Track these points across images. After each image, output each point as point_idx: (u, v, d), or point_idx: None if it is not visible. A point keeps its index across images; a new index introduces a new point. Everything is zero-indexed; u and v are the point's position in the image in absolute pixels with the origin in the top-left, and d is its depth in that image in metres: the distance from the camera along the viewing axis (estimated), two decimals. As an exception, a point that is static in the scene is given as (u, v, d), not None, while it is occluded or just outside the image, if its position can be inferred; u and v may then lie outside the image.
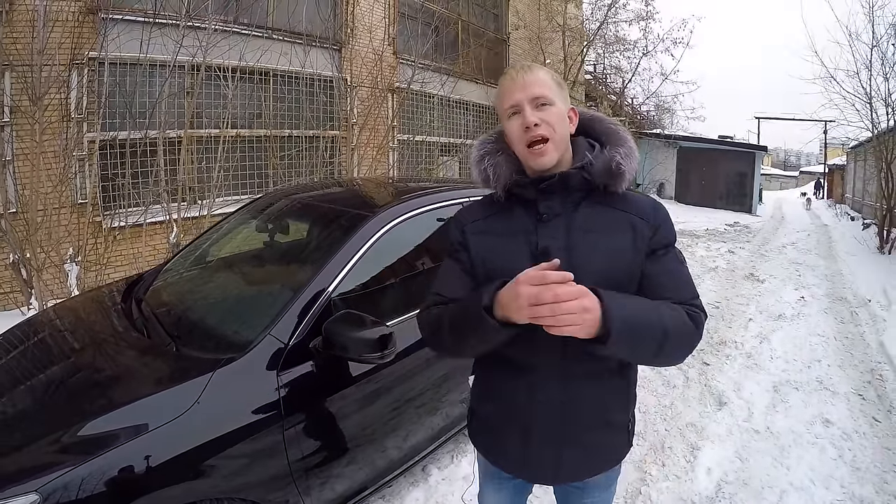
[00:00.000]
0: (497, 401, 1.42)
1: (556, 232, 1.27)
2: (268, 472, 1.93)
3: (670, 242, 1.33)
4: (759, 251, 10.68)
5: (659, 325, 1.16)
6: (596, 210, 1.30)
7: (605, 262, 1.25)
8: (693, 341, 1.25)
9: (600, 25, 16.86)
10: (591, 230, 1.28)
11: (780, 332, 5.51)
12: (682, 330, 1.21)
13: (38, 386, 2.03)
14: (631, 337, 1.12)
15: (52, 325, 2.64)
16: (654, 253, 1.30)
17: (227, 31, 6.69)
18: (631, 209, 1.31)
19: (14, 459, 1.63)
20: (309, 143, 8.15)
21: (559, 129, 1.27)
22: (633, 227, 1.29)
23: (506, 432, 1.41)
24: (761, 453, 3.23)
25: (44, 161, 5.24)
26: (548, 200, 1.29)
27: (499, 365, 1.38)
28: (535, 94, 1.26)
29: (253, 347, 1.99)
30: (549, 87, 1.28)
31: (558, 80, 1.33)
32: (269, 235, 3.10)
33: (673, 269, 1.31)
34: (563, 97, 1.31)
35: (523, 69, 1.30)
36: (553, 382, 1.30)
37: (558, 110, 1.28)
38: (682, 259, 1.36)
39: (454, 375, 2.73)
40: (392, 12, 9.74)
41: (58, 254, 5.26)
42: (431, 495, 2.77)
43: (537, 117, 1.25)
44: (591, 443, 1.35)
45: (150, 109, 6.17)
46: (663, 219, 1.33)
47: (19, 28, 5.25)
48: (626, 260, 1.27)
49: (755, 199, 20.09)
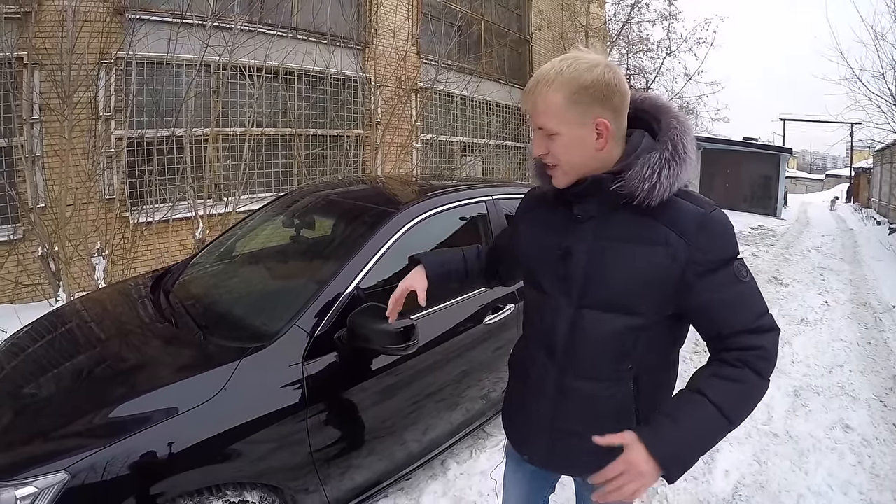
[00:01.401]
0: (514, 375, 1.53)
1: (583, 234, 1.27)
2: (290, 460, 1.98)
3: (718, 263, 1.18)
4: (783, 255, 10.55)
5: (717, 418, 1.13)
6: (634, 217, 1.21)
7: (623, 274, 1.21)
8: (758, 393, 1.18)
9: (623, 25, 16.77)
10: (620, 238, 1.22)
11: (802, 336, 5.45)
12: (746, 402, 1.17)
13: (68, 372, 2.10)
14: (692, 454, 1.14)
15: (80, 315, 2.72)
16: (696, 276, 1.17)
17: (252, 31, 6.79)
18: (669, 221, 1.19)
19: (45, 440, 1.71)
20: (333, 142, 8.22)
21: (568, 157, 1.21)
22: (667, 243, 1.18)
23: (515, 408, 1.49)
24: (780, 457, 3.21)
25: (72, 157, 5.37)
26: (582, 203, 1.27)
27: (521, 339, 1.49)
28: (538, 125, 1.22)
29: (279, 337, 2.04)
30: (554, 113, 1.18)
31: (578, 94, 1.16)
32: (295, 231, 3.16)
33: (721, 298, 1.18)
34: (581, 115, 1.17)
35: (530, 90, 1.22)
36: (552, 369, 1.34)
37: (566, 139, 1.19)
38: (742, 274, 1.19)
39: (475, 371, 2.77)
40: (415, 12, 9.78)
41: (85, 247, 5.38)
42: (449, 489, 2.80)
43: (544, 147, 1.23)
44: (579, 439, 1.31)
45: (177, 108, 6.29)
46: (709, 237, 1.18)
47: (48, 28, 5.38)
48: (648, 276, 1.19)
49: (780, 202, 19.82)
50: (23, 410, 1.90)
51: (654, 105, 1.29)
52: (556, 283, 1.30)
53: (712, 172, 20.17)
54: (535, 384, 1.38)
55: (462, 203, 2.86)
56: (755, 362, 1.16)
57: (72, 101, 5.29)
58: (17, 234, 5.43)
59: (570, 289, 1.27)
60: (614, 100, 1.18)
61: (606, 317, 1.24)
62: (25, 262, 5.41)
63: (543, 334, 1.34)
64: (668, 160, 1.18)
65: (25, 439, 1.73)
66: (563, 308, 1.29)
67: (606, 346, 1.24)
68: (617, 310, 1.23)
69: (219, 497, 1.80)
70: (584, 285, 1.25)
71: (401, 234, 2.44)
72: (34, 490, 1.53)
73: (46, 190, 5.45)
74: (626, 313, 1.22)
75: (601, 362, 1.27)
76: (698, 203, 1.21)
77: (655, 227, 1.19)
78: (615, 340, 1.24)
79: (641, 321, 1.23)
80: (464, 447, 3.10)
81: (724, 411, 1.13)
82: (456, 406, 2.72)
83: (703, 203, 1.21)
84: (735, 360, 1.17)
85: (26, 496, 1.52)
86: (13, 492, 1.52)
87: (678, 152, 1.19)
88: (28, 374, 2.17)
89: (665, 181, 1.16)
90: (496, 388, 2.94)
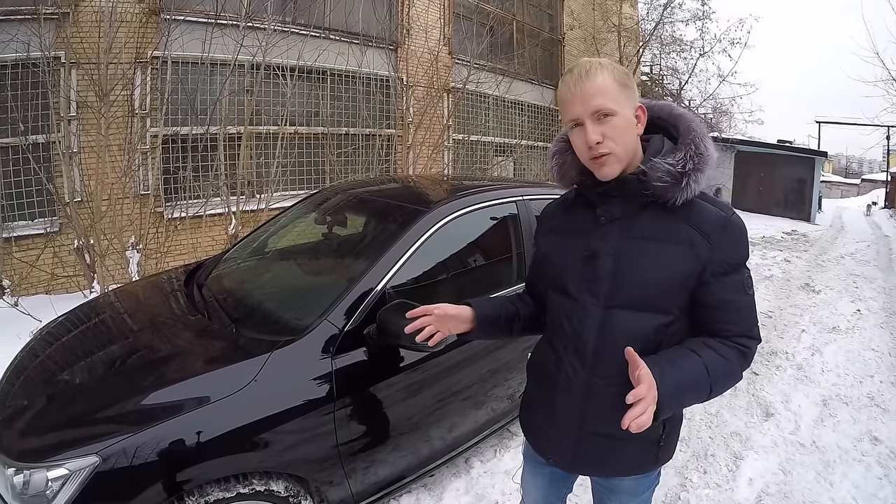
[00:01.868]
0: (535, 380, 1.52)
1: (609, 236, 1.28)
2: (316, 452, 2.02)
3: (734, 266, 1.23)
4: (816, 261, 10.32)
5: (705, 382, 1.20)
6: (659, 217, 1.24)
7: (654, 273, 1.23)
8: (735, 380, 1.28)
9: (656, 25, 16.51)
10: (648, 238, 1.24)
11: (833, 344, 5.33)
12: (726, 380, 1.26)
13: (101, 360, 2.17)
14: (678, 401, 1.20)
15: (113, 306, 2.80)
16: (713, 276, 1.22)
17: (285, 31, 6.90)
18: (693, 221, 1.22)
19: (77, 425, 1.78)
20: (365, 141, 8.30)
21: (623, 140, 1.20)
22: (692, 242, 1.21)
23: (539, 412, 1.49)
24: (805, 467, 3.15)
25: (109, 154, 5.50)
26: (607, 204, 1.28)
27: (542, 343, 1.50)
28: (595, 107, 1.18)
29: (309, 331, 2.08)
30: (611, 93, 1.18)
31: (622, 79, 1.21)
32: (327, 228, 3.20)
33: (731, 300, 1.25)
34: (628, 98, 1.21)
35: (580, 76, 1.19)
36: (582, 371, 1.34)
37: (622, 119, 1.19)
38: (748, 285, 1.26)
39: (501, 370, 2.78)
40: (447, 13, 9.81)
41: (120, 241, 5.52)
42: (472, 487, 2.82)
43: (599, 133, 1.18)
44: (608, 440, 1.33)
45: (211, 106, 6.42)
46: (730, 240, 1.23)
47: (85, 28, 5.55)
48: (677, 274, 1.22)
49: (814, 206, 19.36)
50: (56, 396, 1.98)
51: (670, 113, 1.33)
52: (583, 286, 1.30)
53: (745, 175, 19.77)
54: (562, 387, 1.37)
55: (493, 203, 2.87)
56: (743, 354, 1.26)
57: (108, 99, 5.43)
58: (53, 227, 5.62)
59: (598, 290, 1.28)
60: (636, 90, 1.25)
61: (638, 316, 1.25)
62: (61, 255, 5.59)
63: (572, 337, 1.33)
64: (692, 160, 1.21)
65: (59, 424, 1.80)
66: (591, 309, 1.29)
67: (636, 345, 1.23)
68: (648, 308, 1.25)
69: (245, 485, 1.86)
70: (612, 286, 1.26)
71: (432, 233, 2.46)
72: (65, 472, 1.60)
73: (83, 185, 5.63)
74: (657, 311, 1.25)
75: None
76: (720, 206, 1.26)
77: (680, 227, 1.23)
78: (645, 339, 1.25)
79: (669, 318, 1.26)
80: (488, 446, 3.12)
81: (710, 377, 1.20)
82: (482, 405, 2.74)
83: (724, 207, 1.27)
84: (729, 343, 1.25)
85: (57, 478, 1.60)
86: (45, 473, 1.60)
87: (701, 153, 1.22)
88: (62, 361, 2.26)
89: (691, 182, 1.20)
90: (522, 389, 2.93)
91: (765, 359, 4.81)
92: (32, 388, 2.09)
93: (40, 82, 5.29)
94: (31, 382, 2.14)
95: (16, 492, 1.62)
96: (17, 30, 5.07)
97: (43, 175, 5.24)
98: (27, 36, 5.09)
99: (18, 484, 1.62)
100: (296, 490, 1.99)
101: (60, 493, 1.59)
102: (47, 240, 5.57)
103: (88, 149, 5.65)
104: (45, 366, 2.26)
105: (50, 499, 1.59)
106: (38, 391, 2.04)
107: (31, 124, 5.26)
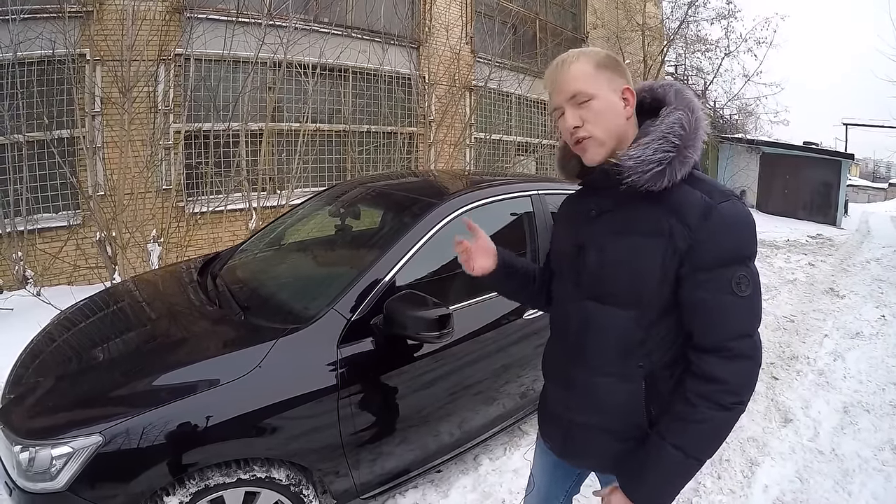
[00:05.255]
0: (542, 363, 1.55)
1: (596, 229, 1.26)
2: (320, 441, 2.02)
3: (719, 261, 1.10)
4: (841, 265, 10.12)
5: (683, 464, 1.15)
6: (640, 207, 1.17)
7: (628, 267, 1.18)
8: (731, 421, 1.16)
9: (680, 24, 16.27)
10: (624, 232, 1.20)
11: (855, 350, 5.22)
12: (711, 440, 1.16)
13: (111, 344, 2.22)
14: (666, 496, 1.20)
15: (128, 293, 2.85)
16: (691, 270, 1.12)
17: (307, 29, 6.93)
18: (674, 208, 1.12)
19: (85, 406, 1.82)
20: (386, 139, 8.32)
21: (604, 123, 1.18)
22: (670, 233, 1.12)
23: (542, 398, 1.54)
24: (823, 475, 3.08)
25: (131, 149, 5.59)
26: (596, 196, 1.27)
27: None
28: (571, 92, 1.18)
29: (316, 320, 2.08)
30: (586, 78, 1.17)
31: (604, 62, 1.19)
32: (340, 220, 3.21)
33: (708, 299, 1.11)
34: (610, 81, 1.18)
35: (556, 67, 1.21)
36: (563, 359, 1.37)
37: (601, 102, 1.17)
38: (743, 285, 1.10)
39: (514, 366, 2.76)
40: (469, 11, 9.77)
41: (141, 234, 5.60)
42: (479, 484, 2.79)
43: (577, 117, 1.18)
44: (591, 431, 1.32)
45: (233, 103, 6.47)
46: (714, 230, 1.09)
47: (109, 26, 5.63)
48: (651, 268, 1.15)
49: (840, 210, 18.95)
50: (67, 377, 2.02)
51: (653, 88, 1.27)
52: (573, 277, 1.32)
53: (771, 178, 19.43)
54: (552, 374, 1.44)
55: (506, 196, 2.86)
56: (720, 397, 1.12)
57: (131, 95, 5.51)
58: (76, 220, 5.70)
59: (581, 282, 1.29)
60: (627, 74, 1.22)
61: (617, 311, 1.22)
62: (83, 247, 5.67)
63: (561, 324, 1.38)
64: (665, 141, 1.13)
65: (67, 405, 1.84)
66: (576, 301, 1.30)
67: (609, 339, 1.23)
68: (626, 304, 1.20)
69: (246, 471, 1.87)
70: (594, 279, 1.26)
71: (443, 225, 2.45)
72: (69, 450, 1.65)
73: (105, 179, 5.70)
74: (635, 307, 1.19)
75: (606, 356, 1.25)
76: (708, 192, 1.13)
77: (658, 217, 1.14)
78: (617, 334, 1.22)
79: (651, 316, 1.19)
80: (498, 444, 3.10)
81: (688, 452, 1.14)
82: (493, 400, 2.72)
83: (715, 192, 1.13)
84: (696, 396, 1.13)
85: (61, 455, 1.64)
86: (50, 451, 1.65)
87: (676, 132, 1.13)
88: (76, 345, 2.31)
89: (666, 167, 1.12)
90: (535, 387, 2.91)
91: (785, 363, 4.73)
92: (45, 369, 2.12)
93: (65, 79, 5.38)
94: (45, 365, 2.18)
95: (22, 469, 1.67)
96: (42, 28, 5.16)
97: (67, 169, 5.32)
98: (53, 34, 5.18)
99: (24, 461, 1.66)
100: (297, 479, 2.00)
101: (64, 470, 1.64)
102: (70, 232, 5.66)
103: (111, 144, 5.73)
104: (60, 349, 2.30)
105: (53, 476, 1.64)
106: (50, 373, 2.08)
107: (55, 119, 5.34)
